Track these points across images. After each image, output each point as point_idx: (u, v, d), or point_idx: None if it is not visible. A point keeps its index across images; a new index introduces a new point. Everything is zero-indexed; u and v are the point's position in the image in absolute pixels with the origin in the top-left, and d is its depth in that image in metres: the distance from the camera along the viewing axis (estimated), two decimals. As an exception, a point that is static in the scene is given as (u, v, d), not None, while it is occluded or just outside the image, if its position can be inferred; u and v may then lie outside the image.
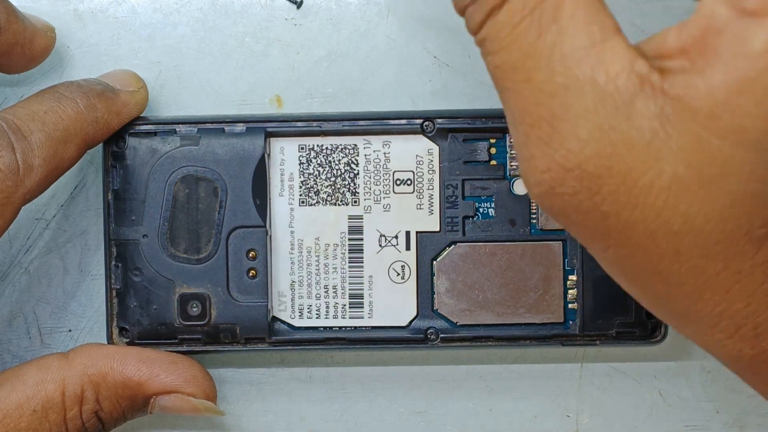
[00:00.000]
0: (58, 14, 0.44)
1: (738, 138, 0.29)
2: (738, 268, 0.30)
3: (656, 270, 0.31)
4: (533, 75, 0.31)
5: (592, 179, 0.30)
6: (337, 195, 0.42)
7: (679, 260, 0.31)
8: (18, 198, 0.39)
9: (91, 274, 0.44)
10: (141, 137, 0.42)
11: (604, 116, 0.30)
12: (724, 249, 0.30)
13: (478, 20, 0.32)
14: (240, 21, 0.44)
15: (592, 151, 0.30)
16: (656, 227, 0.30)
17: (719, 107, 0.29)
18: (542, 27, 0.31)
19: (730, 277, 0.30)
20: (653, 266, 0.31)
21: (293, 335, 0.43)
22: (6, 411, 0.39)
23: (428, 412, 0.44)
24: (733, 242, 0.30)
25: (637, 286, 0.32)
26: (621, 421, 0.44)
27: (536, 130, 0.31)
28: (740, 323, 0.31)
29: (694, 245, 0.30)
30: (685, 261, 0.31)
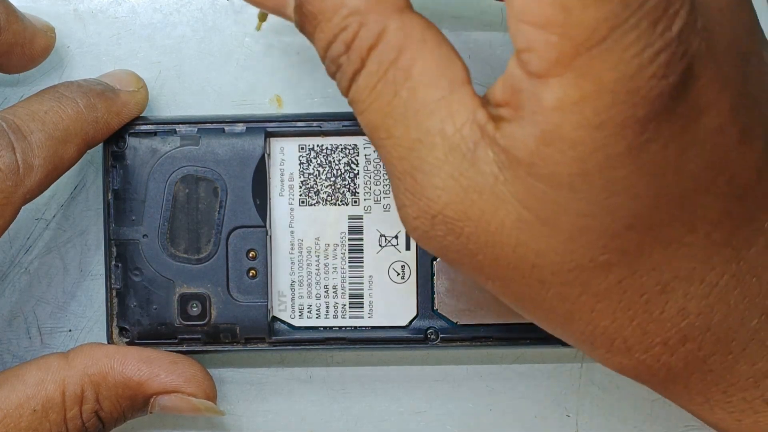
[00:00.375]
0: (58, 14, 0.44)
1: (555, 182, 0.31)
2: (595, 291, 0.33)
3: (529, 298, 0.34)
4: (393, 132, 0.33)
5: (454, 223, 0.33)
6: (337, 195, 0.42)
7: (545, 288, 0.33)
8: (18, 198, 0.39)
9: (91, 274, 0.44)
10: (141, 137, 0.42)
11: (454, 165, 0.32)
12: (578, 276, 0.33)
13: (344, 85, 0.34)
14: (240, 21, 0.44)
15: (449, 198, 0.33)
16: (516, 262, 0.33)
17: (533, 156, 0.31)
18: (397, 86, 0.33)
19: (590, 299, 0.33)
20: (526, 295, 0.34)
21: (293, 335, 0.43)
22: (6, 411, 0.39)
23: (428, 412, 0.44)
24: (584, 270, 0.32)
25: (525, 313, 0.35)
26: (621, 421, 0.44)
27: (403, 182, 0.33)
28: (611, 338, 0.34)
29: (552, 274, 0.33)
30: (549, 288, 0.33)
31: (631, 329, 0.33)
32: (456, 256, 0.34)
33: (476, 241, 0.33)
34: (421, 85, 0.33)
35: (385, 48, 0.33)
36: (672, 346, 0.34)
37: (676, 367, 0.34)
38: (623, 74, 0.30)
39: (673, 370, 0.34)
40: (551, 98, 0.31)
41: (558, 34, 0.30)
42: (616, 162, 0.31)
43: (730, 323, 0.33)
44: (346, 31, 0.33)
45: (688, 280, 0.33)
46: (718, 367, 0.34)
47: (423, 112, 0.33)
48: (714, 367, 0.34)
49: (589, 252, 0.32)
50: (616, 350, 0.34)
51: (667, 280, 0.33)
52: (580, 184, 0.31)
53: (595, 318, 0.33)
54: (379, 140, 0.34)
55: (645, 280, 0.33)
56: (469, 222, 0.33)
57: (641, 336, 0.33)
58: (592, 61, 0.30)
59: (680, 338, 0.33)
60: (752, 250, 0.33)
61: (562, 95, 0.30)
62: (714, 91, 0.31)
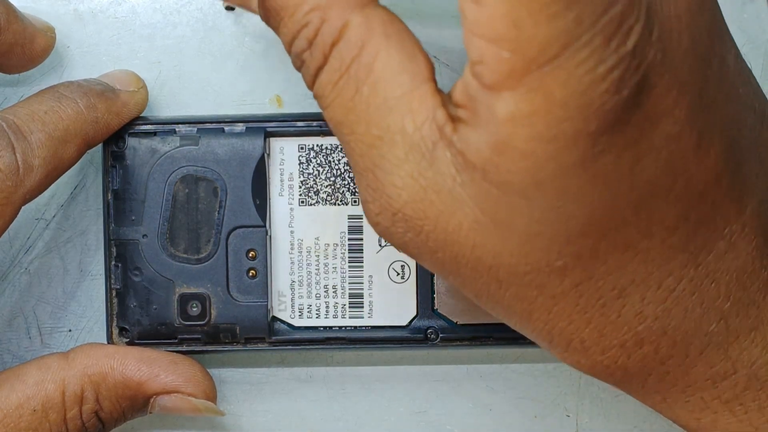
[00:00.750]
0: (58, 14, 0.44)
1: (508, 189, 0.31)
2: (551, 293, 0.33)
3: (488, 296, 0.34)
4: (355, 128, 0.33)
5: (414, 221, 0.33)
6: (336, 195, 0.42)
7: (502, 288, 0.33)
8: (18, 198, 0.39)
9: (91, 274, 0.44)
10: (141, 137, 0.42)
11: (414, 164, 0.32)
12: (534, 279, 0.33)
13: (308, 81, 0.34)
14: (240, 21, 0.44)
15: (408, 197, 0.33)
16: (474, 262, 0.33)
17: (487, 163, 0.31)
18: (358, 82, 0.33)
19: (547, 301, 0.33)
20: (485, 293, 0.34)
21: (293, 335, 0.43)
22: (6, 411, 0.39)
23: (428, 412, 0.44)
24: (539, 273, 0.33)
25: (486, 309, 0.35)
26: (621, 421, 0.44)
27: (365, 179, 0.33)
28: (568, 339, 0.34)
29: (508, 275, 0.33)
30: (507, 288, 0.33)
31: (588, 331, 0.34)
32: (417, 252, 0.34)
33: (435, 239, 0.33)
34: (383, 81, 0.33)
35: (346, 44, 0.33)
36: (628, 349, 0.34)
37: (633, 368, 0.34)
38: (575, 90, 0.30)
39: (630, 371, 0.34)
40: (503, 110, 0.30)
41: (509, 50, 0.30)
42: (568, 172, 0.31)
43: (687, 327, 0.33)
44: (307, 28, 0.33)
45: (644, 284, 0.33)
46: (676, 369, 0.34)
47: (384, 109, 0.33)
48: (671, 369, 0.34)
49: (544, 256, 0.32)
50: (573, 350, 0.34)
51: (623, 285, 0.33)
52: (533, 192, 0.31)
53: (552, 319, 0.34)
54: (342, 136, 0.34)
55: (601, 284, 0.33)
56: (428, 221, 0.33)
57: (598, 338, 0.34)
58: (544, 78, 0.30)
59: (637, 341, 0.34)
60: (711, 255, 0.33)
61: (514, 108, 0.30)
62: (670, 98, 0.31)
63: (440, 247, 0.33)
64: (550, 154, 0.31)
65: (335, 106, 0.33)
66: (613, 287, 0.33)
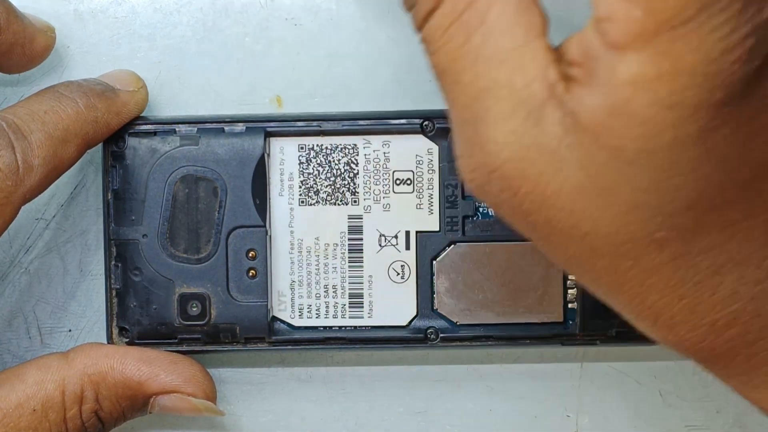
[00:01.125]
0: (58, 14, 0.44)
1: (618, 155, 0.30)
2: (646, 266, 0.32)
3: (579, 264, 0.33)
4: (461, 77, 0.32)
5: (511, 180, 0.32)
6: (336, 195, 0.42)
7: (595, 256, 0.32)
8: (18, 198, 0.39)
9: (91, 274, 0.44)
10: (141, 137, 0.42)
11: (519, 121, 0.31)
12: (631, 249, 0.32)
13: (418, 23, 0.33)
14: (240, 21, 0.44)
15: (508, 155, 0.32)
16: (570, 228, 0.32)
17: (600, 126, 0.30)
18: (470, 30, 0.32)
19: (641, 273, 0.32)
20: (576, 260, 0.33)
21: (293, 335, 0.43)
22: (6, 410, 0.39)
23: (428, 412, 0.44)
24: (637, 244, 0.32)
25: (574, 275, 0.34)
26: (621, 421, 0.44)
27: (464, 132, 0.32)
28: (658, 314, 0.33)
29: (605, 245, 0.32)
30: (600, 258, 0.32)
31: (678, 308, 0.33)
32: (509, 213, 0.33)
33: (531, 201, 0.32)
34: (496, 32, 0.31)
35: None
36: (718, 329, 0.33)
37: (720, 348, 0.33)
38: (705, 57, 0.29)
39: (717, 352, 0.33)
40: (625, 72, 0.30)
41: (642, 9, 0.29)
42: (684, 144, 0.30)
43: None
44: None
45: (743, 264, 0.32)
46: (764, 352, 0.33)
47: (493, 61, 0.31)
48: (759, 351, 0.33)
49: (645, 227, 0.31)
50: (661, 325, 0.33)
51: (721, 263, 0.32)
52: (644, 161, 0.30)
53: (643, 292, 0.33)
54: (446, 85, 0.32)
55: (699, 260, 0.32)
56: (527, 182, 0.32)
57: (688, 315, 0.33)
58: (674, 41, 0.29)
59: (728, 321, 0.33)
60: None
61: (637, 71, 0.29)
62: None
63: (535, 209, 0.32)
64: (669, 122, 0.30)
65: (442, 52, 0.32)
66: (710, 264, 0.32)
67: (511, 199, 0.32)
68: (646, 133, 0.30)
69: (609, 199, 0.31)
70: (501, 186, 0.32)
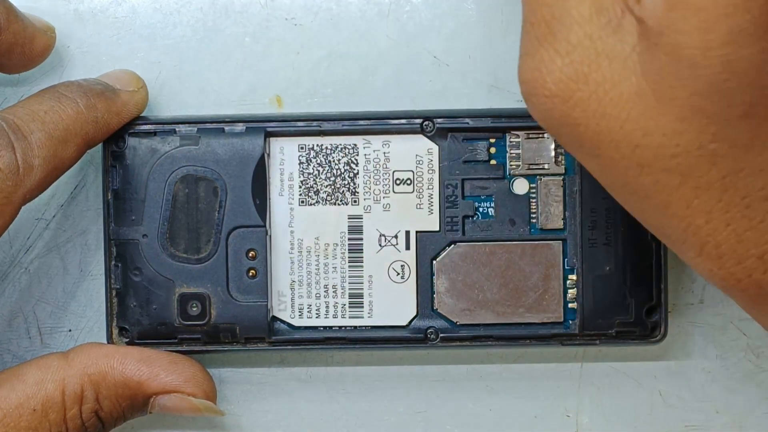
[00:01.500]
0: (58, 14, 0.44)
1: (677, 54, 0.30)
2: (695, 184, 0.32)
3: (626, 182, 0.33)
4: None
5: (569, 83, 0.32)
6: (336, 195, 0.42)
7: (643, 173, 0.32)
8: (18, 198, 0.39)
9: (91, 274, 0.44)
10: (141, 137, 0.42)
11: (596, 26, 0.31)
12: (681, 163, 0.31)
13: None
14: (240, 21, 0.44)
15: (577, 57, 0.32)
16: (620, 138, 0.32)
17: (660, 23, 0.30)
18: None
19: (689, 191, 0.32)
20: (623, 178, 0.32)
21: (293, 335, 0.43)
22: (6, 410, 0.39)
23: (428, 412, 0.44)
24: (688, 156, 0.31)
25: (619, 199, 0.34)
26: (621, 421, 0.44)
27: (535, 29, 0.32)
28: (704, 241, 0.32)
29: (654, 158, 0.32)
30: (647, 174, 0.32)
31: (725, 234, 0.32)
32: (556, 122, 0.32)
33: (584, 109, 0.32)
34: None
35: None
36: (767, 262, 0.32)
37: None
38: None
39: (765, 290, 0.33)
40: None
41: None
42: (740, 38, 0.30)
43: None
44: None
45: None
46: None
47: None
48: None
49: (699, 137, 0.31)
50: (707, 255, 0.33)
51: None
52: (701, 60, 0.30)
53: (690, 214, 0.32)
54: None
55: (750, 180, 0.31)
56: (586, 87, 0.32)
57: (735, 244, 0.32)
58: None
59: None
60: None
61: None
62: None
63: (586, 119, 0.32)
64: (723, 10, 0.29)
65: None
66: (762, 187, 0.31)
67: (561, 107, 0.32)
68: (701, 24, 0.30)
69: (666, 106, 0.31)
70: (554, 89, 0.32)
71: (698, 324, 0.44)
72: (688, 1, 0.30)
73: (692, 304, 0.44)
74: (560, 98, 0.32)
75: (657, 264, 0.42)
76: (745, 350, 0.44)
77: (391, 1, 0.44)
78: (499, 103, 0.43)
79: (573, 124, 0.32)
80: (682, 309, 0.44)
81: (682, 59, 0.30)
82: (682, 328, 0.44)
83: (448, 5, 0.44)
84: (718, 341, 0.44)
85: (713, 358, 0.44)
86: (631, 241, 0.41)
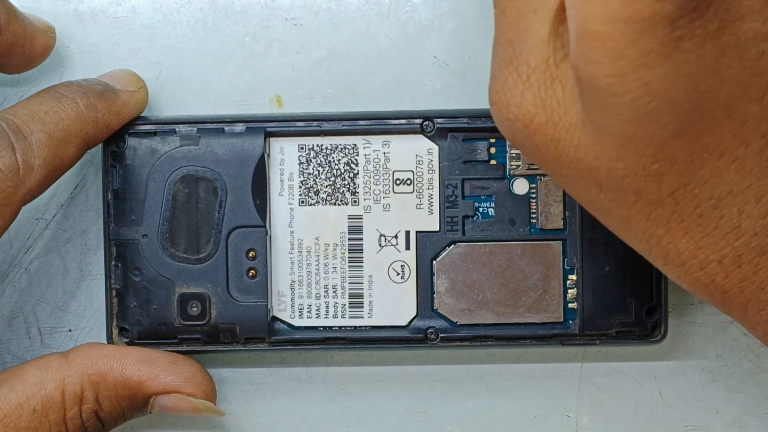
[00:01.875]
0: (58, 14, 0.44)
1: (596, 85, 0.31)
2: (648, 200, 0.32)
3: (589, 200, 0.34)
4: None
5: (529, 108, 0.32)
6: (336, 195, 0.42)
7: (602, 191, 0.33)
8: (18, 198, 0.39)
9: (91, 274, 0.44)
10: (141, 137, 0.42)
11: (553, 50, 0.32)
12: (632, 183, 0.32)
13: None
14: (240, 21, 0.44)
15: (535, 81, 0.32)
16: (576, 162, 0.33)
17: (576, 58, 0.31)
18: None
19: (645, 207, 0.33)
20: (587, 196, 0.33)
21: (293, 335, 0.43)
22: (6, 410, 0.39)
23: (428, 412, 0.44)
24: (636, 177, 0.32)
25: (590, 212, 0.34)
26: (621, 421, 0.44)
27: (502, 50, 0.33)
28: (666, 249, 0.33)
29: (607, 179, 0.32)
30: (606, 192, 0.33)
31: (684, 242, 0.33)
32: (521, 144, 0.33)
33: (543, 133, 0.32)
34: None
35: None
36: (726, 267, 0.33)
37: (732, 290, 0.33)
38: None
39: (729, 294, 0.33)
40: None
41: None
42: (649, 60, 0.30)
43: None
44: None
45: (742, 197, 0.32)
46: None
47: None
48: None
49: (639, 160, 0.32)
50: (672, 263, 0.33)
51: (720, 195, 0.32)
52: (618, 87, 0.30)
53: (650, 226, 0.33)
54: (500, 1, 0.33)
55: (697, 192, 0.32)
56: (543, 112, 0.32)
57: (695, 251, 0.33)
58: None
59: (734, 259, 0.32)
60: None
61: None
62: None
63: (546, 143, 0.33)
64: (628, 37, 0.30)
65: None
66: (710, 196, 0.32)
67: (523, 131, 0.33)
68: (610, 53, 0.30)
69: (603, 134, 0.32)
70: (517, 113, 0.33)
71: (698, 324, 0.44)
72: (594, 34, 0.30)
73: (692, 304, 0.44)
74: (522, 122, 0.33)
75: (657, 264, 0.42)
76: (745, 350, 0.44)
77: (391, 1, 0.44)
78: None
79: (536, 147, 0.33)
80: (682, 309, 0.44)
81: (601, 89, 0.31)
82: (682, 328, 0.44)
83: (448, 5, 0.44)
84: (718, 341, 0.44)
85: (713, 358, 0.44)
86: (631, 241, 0.42)
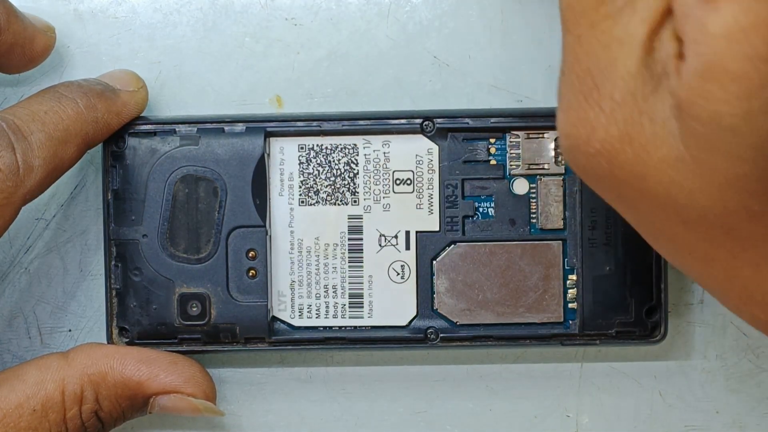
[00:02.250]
0: (58, 14, 0.44)
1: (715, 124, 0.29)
2: (741, 237, 0.31)
3: (668, 237, 0.32)
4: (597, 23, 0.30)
5: (614, 143, 0.31)
6: (336, 195, 0.42)
7: (687, 229, 0.31)
8: (18, 198, 0.39)
9: (91, 274, 0.44)
10: (141, 137, 0.42)
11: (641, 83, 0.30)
12: (727, 221, 0.31)
13: None
14: (240, 21, 0.44)
15: (621, 116, 0.30)
16: (664, 200, 0.31)
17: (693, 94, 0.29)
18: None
19: (735, 244, 0.31)
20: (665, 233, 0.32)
21: (293, 335, 0.43)
22: (6, 410, 0.39)
23: (428, 412, 0.44)
24: (734, 216, 0.31)
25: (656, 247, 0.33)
26: (621, 421, 0.44)
27: (580, 82, 0.31)
28: (751, 290, 0.32)
29: (699, 218, 0.31)
30: (692, 230, 0.31)
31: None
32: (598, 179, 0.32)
33: (628, 170, 0.31)
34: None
35: None
36: None
37: None
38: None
39: None
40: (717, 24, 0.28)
41: None
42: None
43: None
44: None
45: None
46: None
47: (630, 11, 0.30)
48: None
49: (744, 200, 0.30)
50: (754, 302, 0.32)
51: None
52: (742, 126, 0.29)
53: (737, 266, 0.32)
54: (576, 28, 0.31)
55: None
56: (630, 149, 0.30)
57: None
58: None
59: None
60: None
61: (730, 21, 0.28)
62: None
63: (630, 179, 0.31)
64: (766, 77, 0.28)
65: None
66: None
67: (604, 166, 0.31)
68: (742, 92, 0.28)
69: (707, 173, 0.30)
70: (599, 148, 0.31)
71: (698, 324, 0.44)
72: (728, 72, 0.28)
73: (692, 304, 0.44)
74: (605, 158, 0.31)
75: (657, 264, 0.42)
76: (745, 350, 0.44)
77: (391, 1, 0.44)
78: (499, 103, 0.43)
79: (616, 183, 0.31)
80: (682, 309, 0.44)
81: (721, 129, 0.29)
82: (682, 328, 0.44)
83: (448, 5, 0.44)
84: (718, 341, 0.44)
85: (713, 358, 0.44)
86: (631, 241, 0.41)
